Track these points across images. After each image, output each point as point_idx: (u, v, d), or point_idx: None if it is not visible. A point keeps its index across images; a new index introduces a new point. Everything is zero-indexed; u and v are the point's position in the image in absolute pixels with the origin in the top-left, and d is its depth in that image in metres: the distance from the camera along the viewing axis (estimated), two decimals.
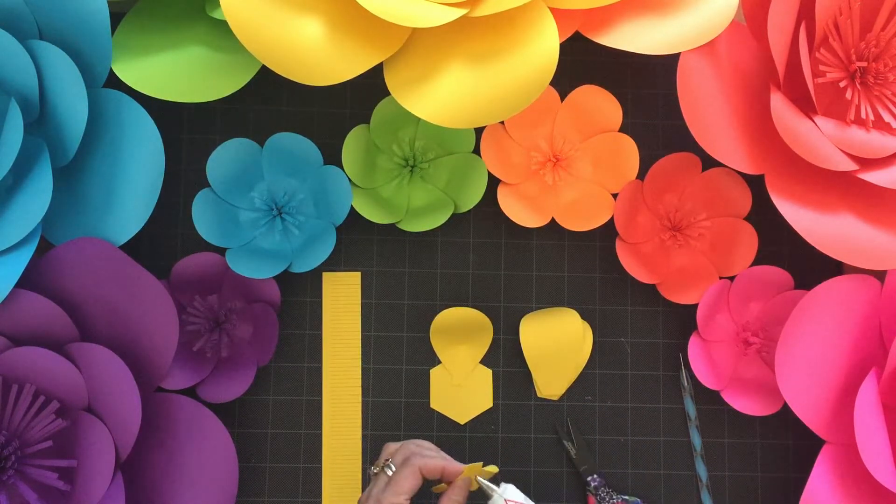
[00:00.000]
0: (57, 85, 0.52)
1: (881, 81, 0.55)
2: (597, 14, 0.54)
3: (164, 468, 0.53)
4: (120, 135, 0.53)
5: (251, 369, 0.57)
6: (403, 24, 0.48)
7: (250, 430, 0.59)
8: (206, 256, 0.57)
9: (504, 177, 0.59)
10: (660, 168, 0.59)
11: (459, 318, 0.60)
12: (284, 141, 0.58)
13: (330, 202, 0.59)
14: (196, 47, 0.56)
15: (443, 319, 0.60)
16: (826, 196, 0.55)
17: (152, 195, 0.53)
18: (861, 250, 0.54)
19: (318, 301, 0.61)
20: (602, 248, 0.62)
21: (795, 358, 0.54)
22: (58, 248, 0.53)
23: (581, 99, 0.60)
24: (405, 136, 0.60)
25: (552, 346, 0.59)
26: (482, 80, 0.51)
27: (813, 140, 0.53)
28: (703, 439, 0.60)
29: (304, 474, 0.59)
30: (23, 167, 0.52)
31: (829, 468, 0.53)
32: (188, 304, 0.58)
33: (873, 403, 0.52)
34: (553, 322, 0.59)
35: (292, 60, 0.49)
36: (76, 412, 0.51)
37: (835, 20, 0.54)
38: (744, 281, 0.59)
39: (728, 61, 0.56)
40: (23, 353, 0.51)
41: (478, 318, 0.60)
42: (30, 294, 0.52)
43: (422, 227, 0.58)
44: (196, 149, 0.61)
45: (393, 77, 0.52)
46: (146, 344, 0.53)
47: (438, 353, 0.60)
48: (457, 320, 0.60)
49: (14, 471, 0.49)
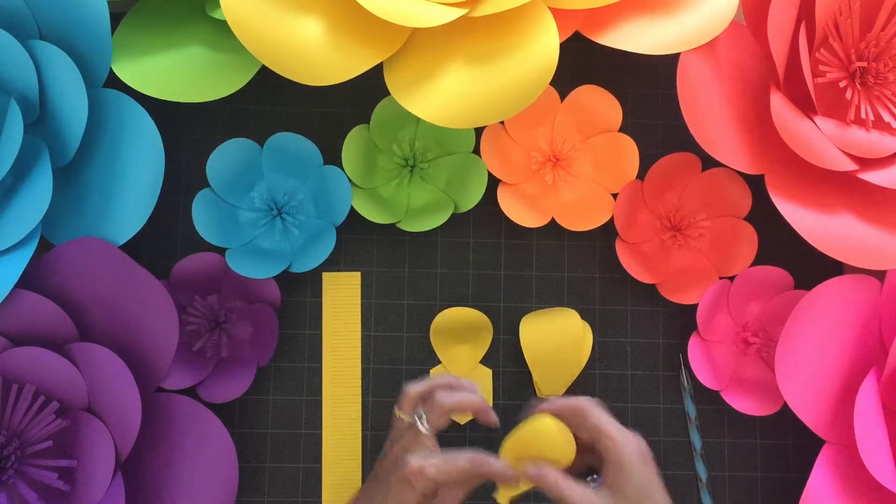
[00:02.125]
0: (57, 85, 0.52)
1: (881, 81, 0.55)
2: (597, 14, 0.54)
3: (164, 468, 0.53)
4: (120, 135, 0.53)
5: (251, 369, 0.57)
6: (403, 24, 0.48)
7: (250, 430, 0.59)
8: (206, 256, 0.58)
9: (504, 177, 0.59)
10: (660, 168, 0.59)
11: (459, 318, 0.60)
12: (284, 141, 0.58)
13: (330, 202, 0.59)
14: (196, 47, 0.56)
15: (443, 319, 0.60)
16: (826, 196, 0.55)
17: (152, 195, 0.53)
18: (861, 250, 0.54)
19: (318, 301, 0.61)
20: (602, 248, 0.62)
21: (795, 358, 0.54)
22: (58, 248, 0.53)
23: (581, 99, 0.60)
24: (405, 136, 0.60)
25: (552, 347, 0.59)
26: (482, 80, 0.51)
27: (813, 140, 0.53)
28: (703, 439, 0.60)
29: (304, 474, 0.59)
30: (23, 167, 0.52)
31: (829, 468, 0.53)
32: (188, 304, 0.58)
33: (873, 403, 0.52)
34: (553, 322, 0.59)
35: (292, 60, 0.49)
36: (76, 412, 0.51)
37: (835, 20, 0.54)
38: (744, 281, 0.59)
39: (728, 61, 0.56)
40: (23, 353, 0.51)
41: (478, 319, 0.60)
42: (30, 294, 0.52)
43: (422, 227, 0.58)
44: (196, 149, 0.61)
45: (393, 77, 0.52)
46: (146, 344, 0.53)
47: (438, 354, 0.60)
48: (457, 320, 0.60)
49: (14, 471, 0.49)
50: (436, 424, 0.48)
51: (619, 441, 0.46)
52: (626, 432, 0.47)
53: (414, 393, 0.50)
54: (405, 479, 0.46)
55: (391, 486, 0.46)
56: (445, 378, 0.51)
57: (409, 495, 0.46)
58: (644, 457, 0.46)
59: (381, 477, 0.48)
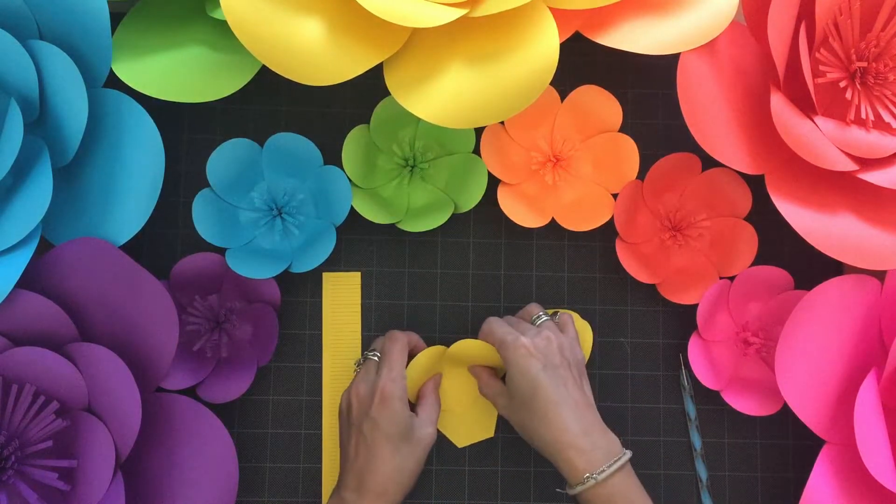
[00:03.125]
0: (57, 85, 0.51)
1: (881, 81, 0.55)
2: (597, 14, 0.54)
3: (164, 468, 0.53)
4: (120, 135, 0.53)
5: (251, 369, 0.57)
6: (403, 24, 0.48)
7: (250, 430, 0.59)
8: (206, 256, 0.57)
9: (504, 177, 0.59)
10: (660, 168, 0.59)
11: (479, 352, 0.57)
12: (284, 141, 0.58)
13: (330, 202, 0.59)
14: (196, 47, 0.56)
15: (462, 348, 0.56)
16: (826, 196, 0.55)
17: (152, 195, 0.53)
18: (861, 250, 0.54)
19: (318, 301, 0.61)
20: (602, 248, 0.62)
21: (795, 358, 0.54)
22: (58, 248, 0.53)
23: (581, 99, 0.60)
24: (405, 136, 0.60)
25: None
26: (482, 80, 0.51)
27: (813, 140, 0.53)
28: (703, 439, 0.60)
29: (304, 474, 0.59)
30: (23, 167, 0.52)
31: (829, 468, 0.53)
32: (188, 304, 0.58)
33: (873, 403, 0.52)
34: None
35: (292, 60, 0.49)
36: (76, 412, 0.51)
37: (835, 20, 0.54)
38: (744, 281, 0.59)
39: (728, 61, 0.56)
40: (23, 353, 0.51)
41: (495, 358, 0.56)
42: (30, 294, 0.52)
43: (422, 227, 0.58)
44: (196, 149, 0.61)
45: (393, 77, 0.52)
46: (146, 344, 0.53)
47: (445, 373, 0.59)
48: (475, 354, 0.57)
49: (14, 471, 0.49)
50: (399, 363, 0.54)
51: (504, 342, 0.53)
52: (510, 331, 0.53)
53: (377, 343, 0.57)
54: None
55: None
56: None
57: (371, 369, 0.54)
58: (524, 350, 0.52)
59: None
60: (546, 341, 0.52)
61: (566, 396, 0.51)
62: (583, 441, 0.50)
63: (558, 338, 0.53)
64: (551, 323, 0.55)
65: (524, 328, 0.54)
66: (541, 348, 0.52)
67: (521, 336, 0.52)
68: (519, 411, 0.53)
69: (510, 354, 0.52)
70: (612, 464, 0.49)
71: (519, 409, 0.52)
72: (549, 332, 0.53)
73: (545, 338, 0.53)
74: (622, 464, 0.50)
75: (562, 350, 0.53)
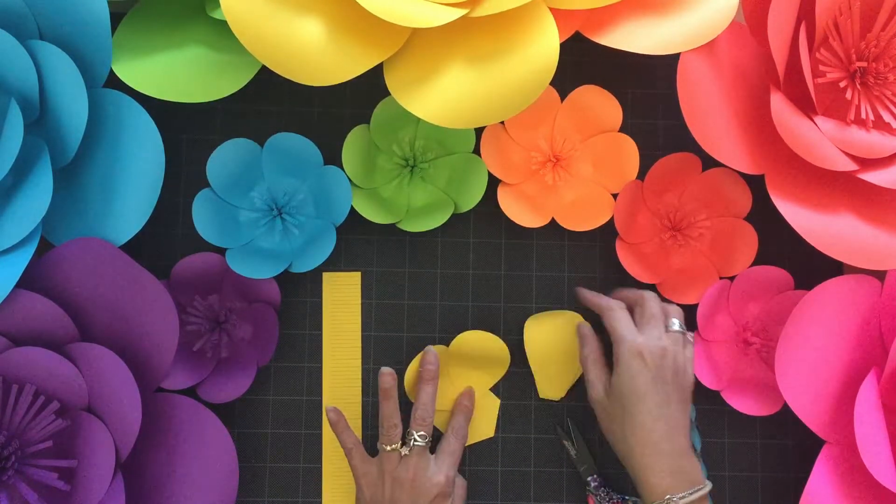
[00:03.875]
0: (57, 85, 0.52)
1: (881, 81, 0.55)
2: (597, 14, 0.54)
3: (164, 468, 0.53)
4: (120, 135, 0.53)
5: (251, 369, 0.57)
6: (403, 24, 0.48)
7: (250, 430, 0.59)
8: (206, 256, 0.58)
9: (504, 177, 0.59)
10: (660, 168, 0.59)
11: (482, 343, 0.58)
12: (284, 141, 0.58)
13: (330, 202, 0.59)
14: (196, 47, 0.56)
15: (465, 340, 0.58)
16: (826, 196, 0.55)
17: (152, 195, 0.53)
18: (861, 250, 0.54)
19: (318, 301, 0.61)
20: (602, 248, 0.62)
21: (795, 358, 0.54)
22: (58, 248, 0.53)
23: (581, 99, 0.60)
24: (405, 136, 0.60)
25: (557, 350, 0.59)
26: (482, 80, 0.51)
27: (813, 140, 0.53)
28: (703, 439, 0.60)
29: (304, 474, 0.59)
30: (23, 167, 0.52)
31: (829, 468, 0.53)
32: (188, 304, 0.58)
33: (873, 403, 0.52)
34: (558, 325, 0.59)
35: (292, 60, 0.49)
36: (76, 412, 0.51)
37: (835, 20, 0.54)
38: (744, 281, 0.59)
39: (728, 61, 0.56)
40: (23, 353, 0.51)
41: (499, 352, 0.59)
42: (30, 294, 0.52)
43: (422, 227, 0.58)
44: (196, 149, 0.61)
45: (393, 77, 0.52)
46: (146, 344, 0.53)
47: (450, 370, 0.59)
48: (478, 345, 0.58)
49: (14, 471, 0.49)
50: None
51: (623, 338, 0.53)
52: (632, 331, 0.53)
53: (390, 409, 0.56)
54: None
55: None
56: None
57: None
58: (639, 355, 0.52)
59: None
60: (662, 352, 0.52)
61: (668, 416, 0.51)
62: (669, 463, 0.50)
63: (675, 355, 0.53)
64: (679, 337, 0.54)
65: (648, 327, 0.54)
66: (656, 358, 0.52)
67: (639, 337, 0.53)
68: (613, 408, 0.53)
69: (624, 353, 0.52)
70: (693, 492, 0.50)
71: (614, 405, 0.53)
72: (669, 345, 0.53)
73: (661, 349, 0.52)
74: (702, 494, 0.50)
75: (675, 367, 0.53)
